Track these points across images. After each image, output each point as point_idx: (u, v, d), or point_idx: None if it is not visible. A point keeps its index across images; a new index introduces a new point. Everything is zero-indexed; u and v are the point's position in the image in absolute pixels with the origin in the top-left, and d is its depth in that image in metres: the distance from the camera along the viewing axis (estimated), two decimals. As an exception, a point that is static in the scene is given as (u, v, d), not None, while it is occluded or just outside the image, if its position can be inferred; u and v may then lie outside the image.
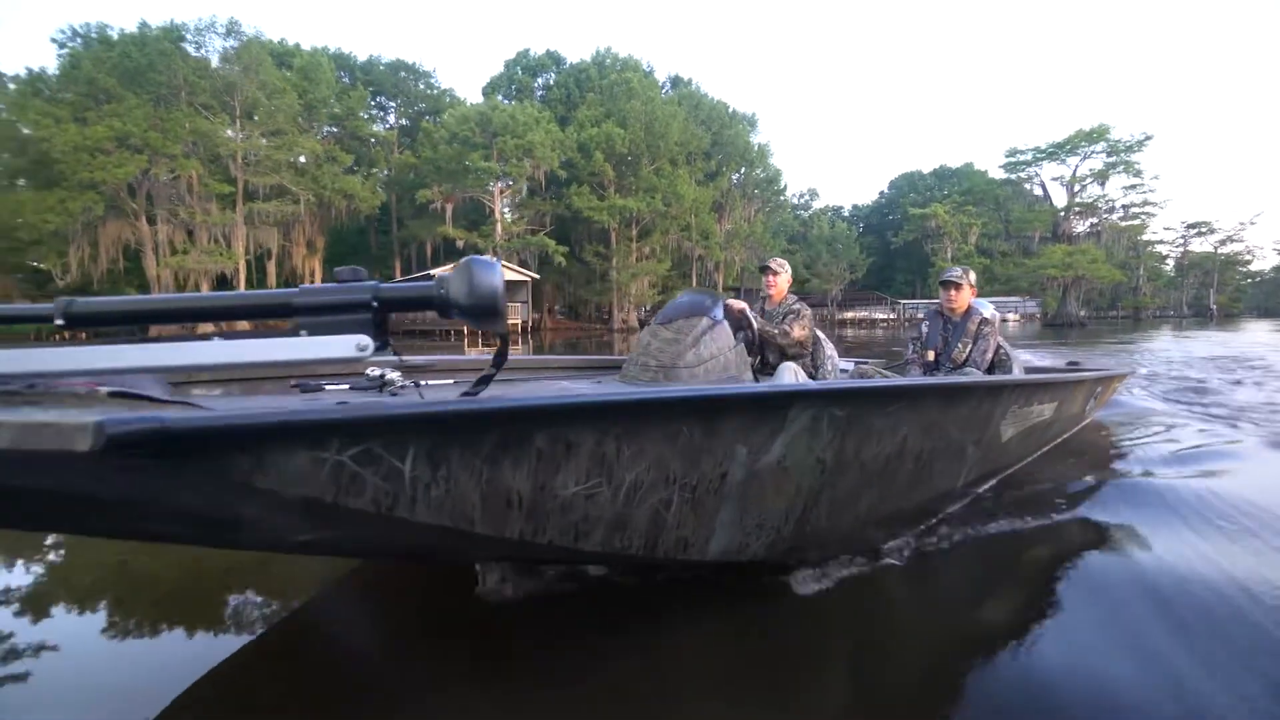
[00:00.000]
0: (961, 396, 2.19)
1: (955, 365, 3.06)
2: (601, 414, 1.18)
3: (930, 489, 2.23)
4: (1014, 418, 2.64)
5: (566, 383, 2.65)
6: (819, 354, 3.26)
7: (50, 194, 20.60)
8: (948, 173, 60.47)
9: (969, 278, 3.15)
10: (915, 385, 1.93)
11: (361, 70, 36.60)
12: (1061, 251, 36.00)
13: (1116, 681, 1.38)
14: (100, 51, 22.41)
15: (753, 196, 40.95)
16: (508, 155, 27.13)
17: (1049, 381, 2.91)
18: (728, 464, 1.43)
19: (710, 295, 2.75)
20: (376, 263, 40.38)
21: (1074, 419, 3.81)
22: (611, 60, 37.83)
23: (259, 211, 24.80)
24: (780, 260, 3.26)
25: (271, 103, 23.86)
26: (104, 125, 20.46)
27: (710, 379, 2.44)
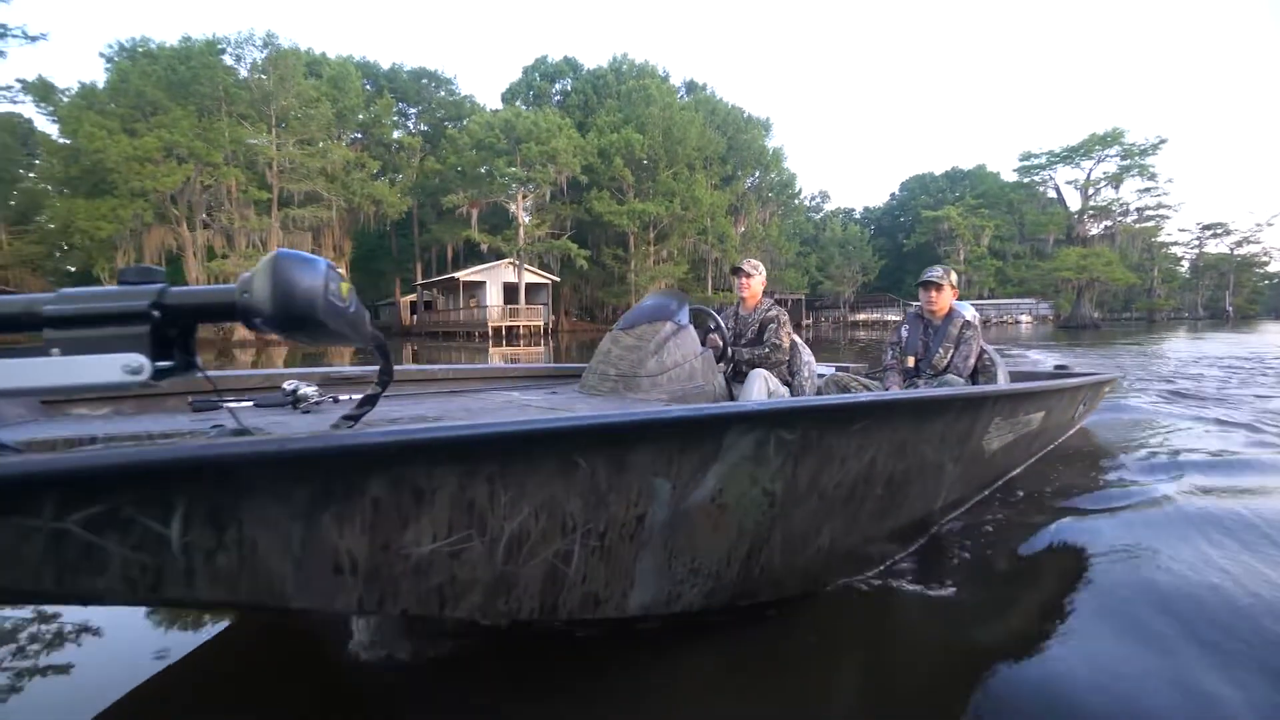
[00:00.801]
0: (938, 411, 1.94)
1: (936, 372, 2.83)
2: (464, 451, 0.94)
3: (905, 513, 2.01)
4: (998, 429, 2.43)
5: (518, 394, 2.39)
6: (795, 359, 3.12)
7: (103, 202, 21.65)
8: (959, 174, 60.73)
9: (950, 278, 2.90)
10: (883, 401, 1.66)
11: (386, 78, 37.61)
12: (1076, 254, 36.26)
13: (1139, 693, 1.34)
14: (146, 65, 23.43)
15: (768, 200, 41.54)
16: (532, 161, 27.91)
17: (1035, 390, 2.61)
18: (646, 504, 1.20)
19: (676, 298, 2.58)
20: (397, 266, 41.35)
21: (1063, 427, 3.60)
22: (628, 66, 38.60)
23: (294, 217, 25.75)
24: (754, 261, 3.09)
25: (306, 112, 24.81)
26: (153, 136, 21.48)
27: (674, 388, 2.30)
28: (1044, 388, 2.74)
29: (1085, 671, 1.43)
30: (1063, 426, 3.62)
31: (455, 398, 2.27)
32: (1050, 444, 3.51)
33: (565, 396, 2.24)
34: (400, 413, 1.73)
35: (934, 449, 2.00)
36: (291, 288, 0.62)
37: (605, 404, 2.06)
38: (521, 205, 30.12)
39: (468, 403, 2.07)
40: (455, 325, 31.36)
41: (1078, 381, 3.37)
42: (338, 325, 0.68)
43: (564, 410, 1.81)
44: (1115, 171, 36.84)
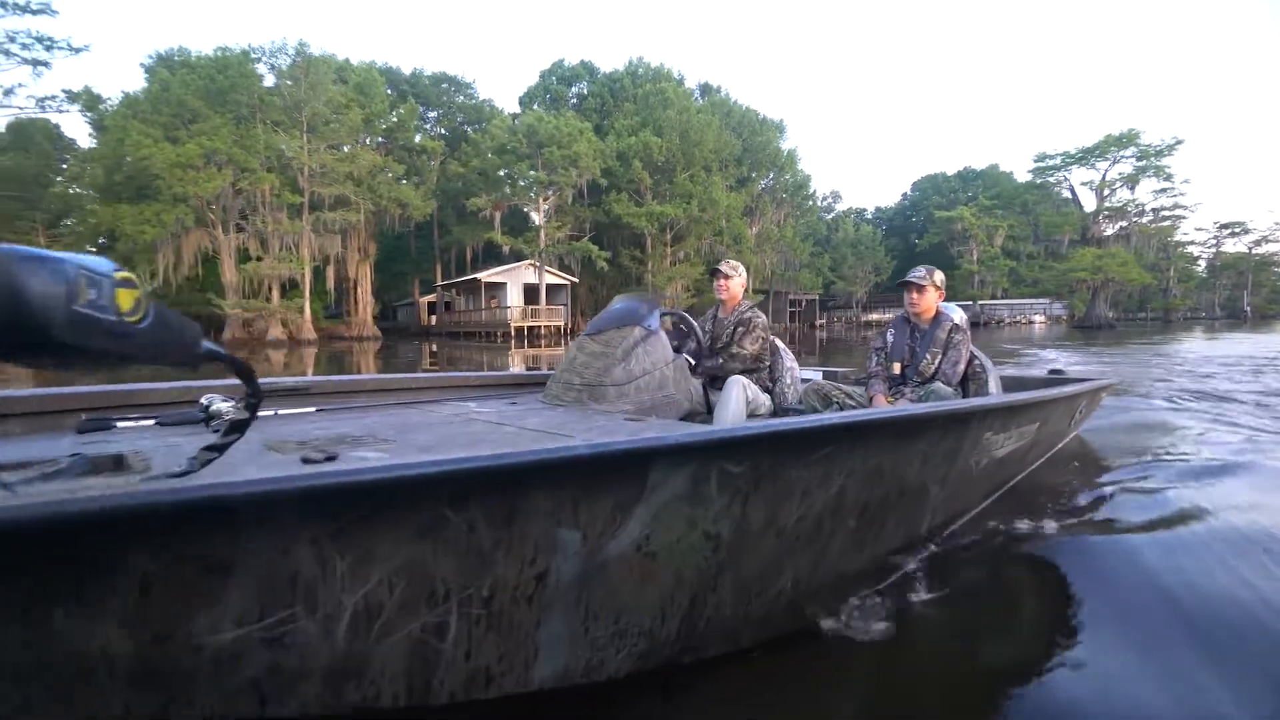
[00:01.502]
0: (919, 430, 1.75)
1: (923, 378, 2.64)
2: (272, 511, 0.72)
3: (884, 543, 1.81)
4: (988, 445, 2.25)
5: (475, 405, 2.20)
6: (777, 365, 3.00)
7: (147, 207, 22.53)
8: (972, 174, 60.70)
9: (934, 278, 2.70)
10: (851, 424, 1.48)
11: (408, 83, 38.42)
12: (1091, 255, 36.36)
13: (1152, 712, 1.32)
14: (185, 75, 24.31)
15: (782, 201, 41.94)
16: (554, 165, 28.54)
17: (1027, 403, 2.42)
18: (548, 559, 1.00)
19: (647, 302, 2.45)
20: (416, 267, 42.20)
21: (1058, 435, 3.43)
22: (644, 70, 39.12)
23: (325, 220, 26.55)
24: (733, 263, 2.95)
25: (336, 118, 25.61)
26: (194, 143, 22.33)
27: (642, 399, 2.18)
28: (1037, 398, 2.51)
29: (1094, 690, 1.38)
30: (1058, 435, 3.41)
31: (404, 410, 2.09)
32: (1045, 454, 3.27)
33: (523, 408, 2.09)
34: (321, 430, 1.53)
35: (916, 471, 1.81)
36: (12, 298, 0.48)
37: (565, 416, 1.89)
38: (543, 208, 30.74)
39: (412, 417, 1.88)
40: (477, 325, 32.06)
41: (1073, 390, 3.08)
42: (104, 344, 0.55)
43: (513, 424, 1.67)
44: (1131, 172, 36.89)
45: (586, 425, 1.69)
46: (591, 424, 1.73)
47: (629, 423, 1.80)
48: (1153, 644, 1.57)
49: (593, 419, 1.84)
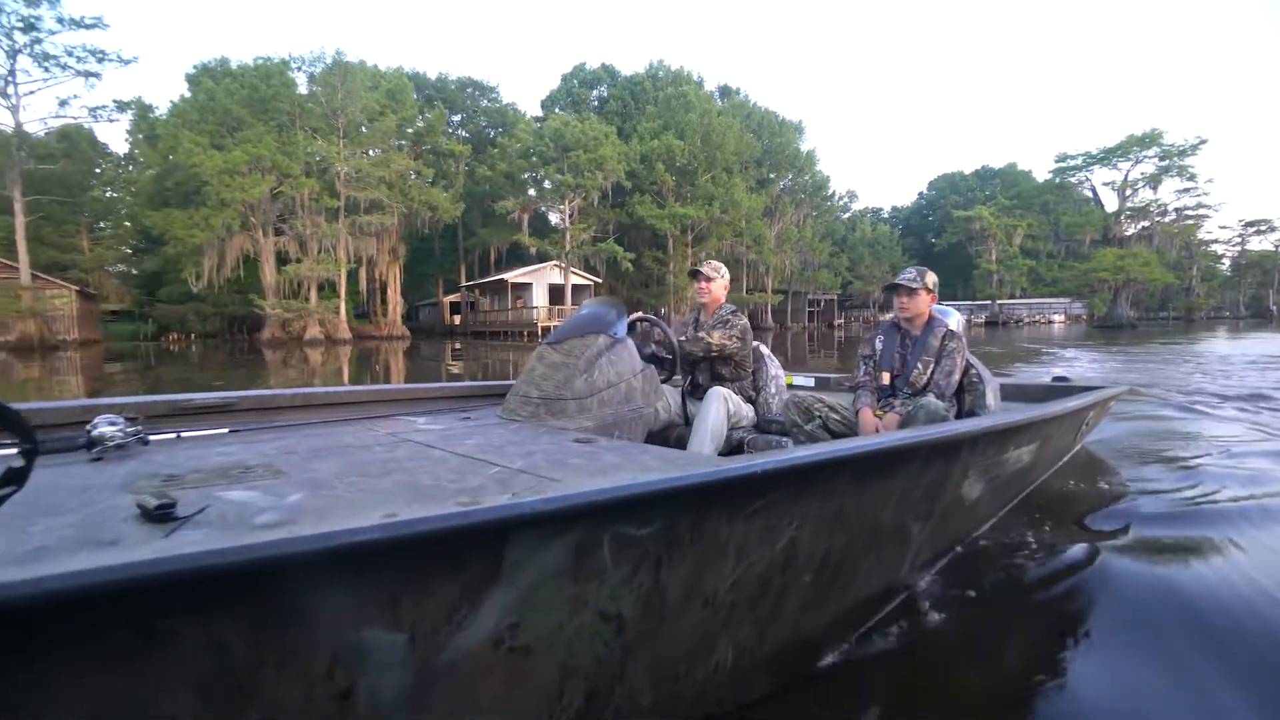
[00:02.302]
0: (892, 466, 1.52)
1: (914, 390, 2.44)
2: None
3: (852, 595, 1.56)
4: (981, 472, 2.04)
5: (424, 420, 2.04)
6: (761, 374, 2.85)
7: (196, 212, 23.58)
8: (989, 173, 60.49)
9: (926, 280, 2.47)
10: (800, 465, 1.18)
11: (434, 88, 39.34)
12: (1113, 255, 36.36)
13: None
14: (230, 85, 25.34)
15: (801, 202, 42.36)
16: (581, 168, 29.25)
17: (1028, 423, 2.19)
18: (353, 672, 0.71)
19: (614, 307, 2.30)
20: (439, 268, 43.22)
21: (1061, 450, 3.18)
22: (665, 73, 39.71)
23: (360, 224, 27.48)
24: (715, 264, 2.84)
25: (371, 125, 26.51)
26: (240, 150, 23.32)
27: (605, 413, 2.03)
28: (1037, 418, 2.25)
29: (1110, 703, 1.35)
30: (1062, 450, 3.18)
31: (336, 428, 1.89)
32: (1047, 471, 3.05)
33: (473, 424, 1.94)
34: (220, 457, 1.43)
35: (891, 511, 1.58)
36: None
37: (513, 435, 1.76)
38: (568, 210, 31.47)
39: (341, 437, 1.70)
40: (502, 325, 32.87)
41: (1078, 403, 2.76)
42: None
43: (445, 448, 1.52)
44: (1153, 172, 36.81)
45: (528, 448, 1.56)
46: (536, 445, 1.60)
47: (577, 444, 1.63)
48: (1169, 656, 1.52)
49: (540, 439, 1.70)
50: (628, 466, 1.39)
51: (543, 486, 1.01)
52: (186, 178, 23.67)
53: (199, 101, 25.29)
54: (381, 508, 0.74)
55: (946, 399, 2.40)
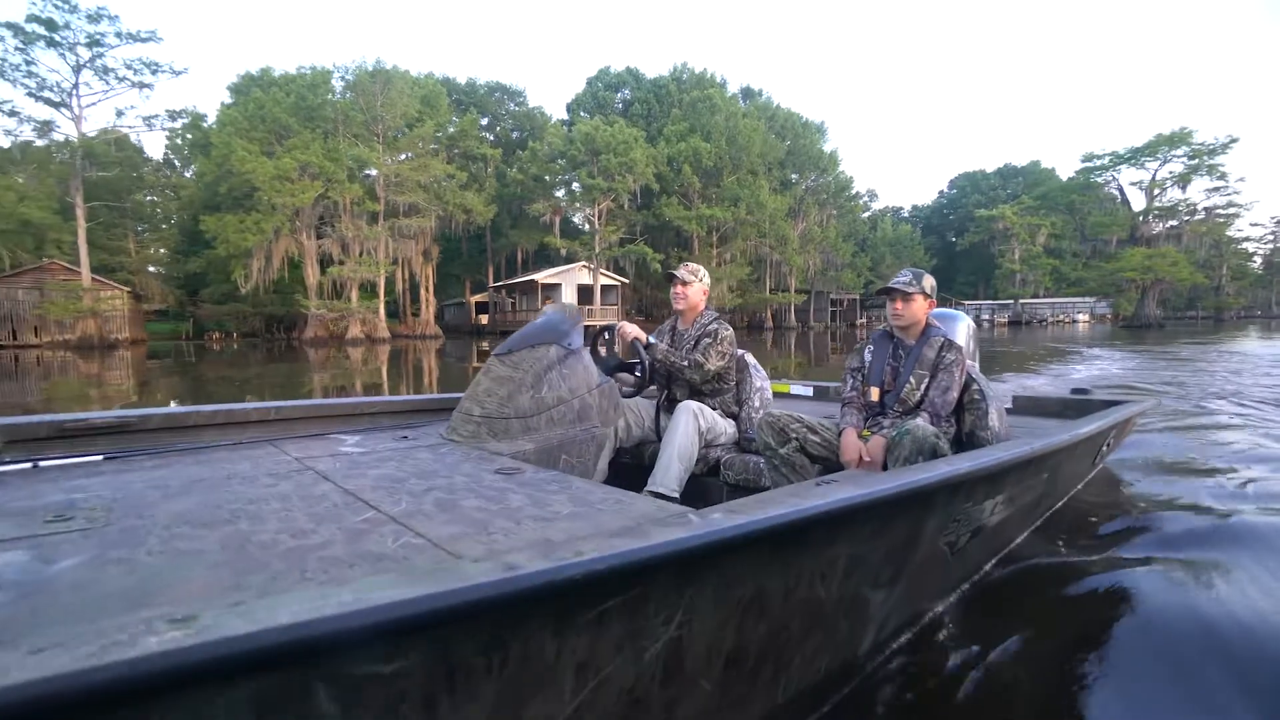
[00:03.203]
0: (835, 531, 1.16)
1: (905, 408, 2.13)
2: None
3: (796, 682, 1.21)
4: (969, 518, 1.71)
5: (354, 440, 1.90)
6: (745, 385, 2.56)
7: (249, 217, 24.73)
8: (1012, 171, 60.24)
9: (924, 284, 2.17)
10: (686, 547, 0.85)
11: (464, 93, 40.33)
12: (1140, 254, 36.18)
13: None
14: (277, 94, 26.49)
15: (825, 202, 42.74)
16: (611, 171, 30.01)
17: (1031, 457, 1.80)
18: None
19: (568, 316, 2.11)
20: (466, 269, 44.29)
21: (1074, 478, 2.79)
22: (688, 76, 40.31)
23: (400, 226, 28.52)
24: (693, 266, 2.56)
25: (410, 131, 27.51)
26: (290, 157, 24.42)
27: (553, 434, 1.85)
28: (1043, 450, 1.86)
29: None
30: (1075, 477, 2.80)
31: (247, 450, 1.75)
32: (1058, 503, 2.68)
33: (406, 445, 1.79)
34: (70, 494, 1.30)
35: (838, 582, 1.22)
36: None
37: (437, 463, 1.59)
38: (598, 212, 32.23)
39: (239, 464, 1.56)
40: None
41: (1097, 425, 2.36)
42: None
43: (341, 482, 1.39)
44: (1182, 171, 36.55)
45: (435, 480, 1.39)
46: (450, 475, 1.43)
47: (498, 475, 1.45)
48: (1188, 677, 1.47)
49: (461, 467, 1.52)
50: (527, 514, 1.17)
51: (388, 552, 0.91)
52: (240, 183, 24.80)
53: (249, 110, 26.44)
54: (141, 603, 0.70)
55: (942, 419, 2.06)
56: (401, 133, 28.48)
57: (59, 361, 17.45)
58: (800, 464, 2.07)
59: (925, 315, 2.18)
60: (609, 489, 1.40)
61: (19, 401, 9.46)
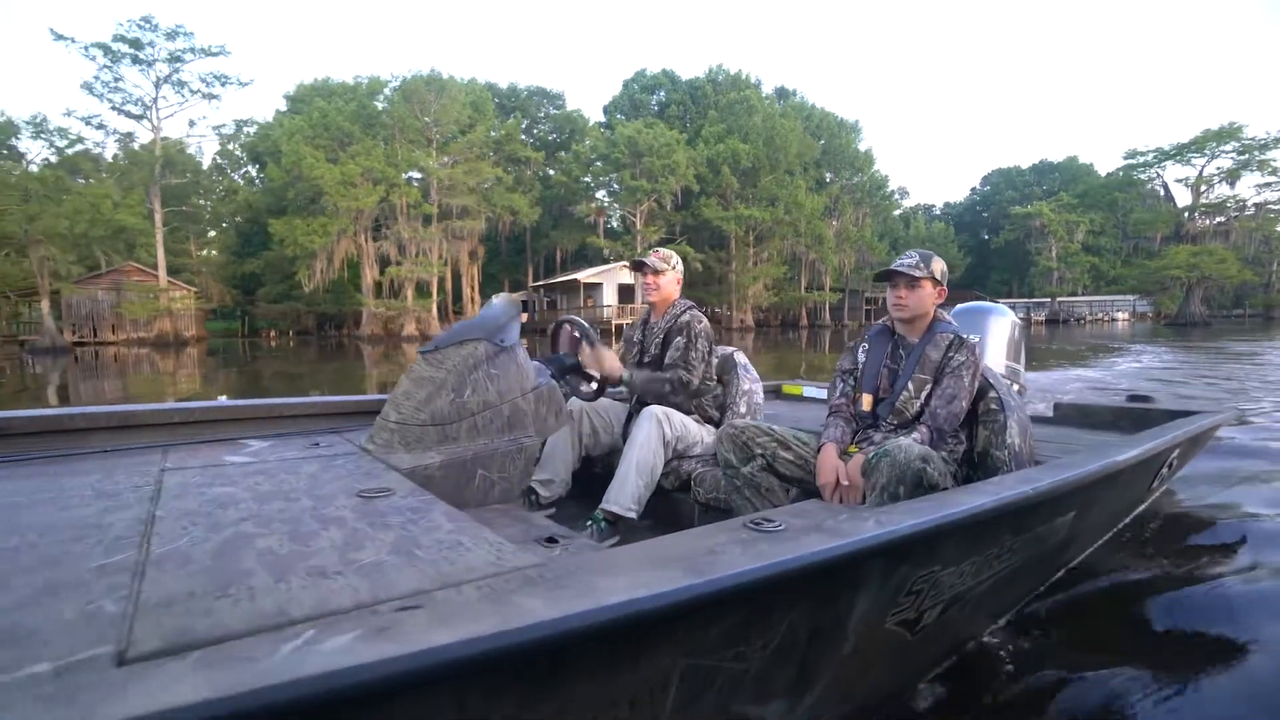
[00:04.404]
0: (769, 604, 0.90)
1: (901, 420, 1.72)
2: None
3: None
4: (945, 584, 1.24)
5: (257, 448, 1.68)
6: (731, 387, 2.27)
7: (315, 220, 26.19)
8: (1048, 167, 59.35)
9: (933, 268, 1.74)
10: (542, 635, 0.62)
11: (505, 96, 41.49)
12: (1185, 252, 35.71)
13: None
14: (339, 103, 27.92)
15: (860, 201, 43.00)
16: (654, 173, 30.86)
17: (1064, 489, 1.38)
18: None
19: (507, 308, 1.82)
20: (505, 269, 45.58)
21: (1126, 506, 2.32)
22: (724, 77, 40.87)
23: (453, 228, 29.81)
24: (665, 252, 2.26)
25: (463, 136, 28.75)
26: (354, 163, 25.80)
27: (476, 445, 1.58)
28: (1078, 480, 1.42)
29: None
30: (1127, 505, 2.32)
31: (114, 459, 1.57)
32: (1103, 537, 2.24)
33: (302, 455, 1.60)
34: None
35: (708, 697, 0.88)
36: None
37: (332, 468, 1.44)
38: (640, 212, 33.11)
39: (88, 475, 1.38)
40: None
41: (1153, 446, 1.83)
42: None
43: (160, 504, 1.16)
44: (1231, 167, 35.94)
45: (274, 504, 1.17)
46: (304, 498, 1.20)
47: (359, 499, 1.20)
48: None
49: (328, 486, 1.29)
50: (320, 563, 0.88)
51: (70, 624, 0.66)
52: (306, 188, 26.27)
53: (314, 119, 27.88)
54: None
55: (946, 435, 1.67)
56: (454, 137, 29.72)
57: (133, 358, 18.92)
58: (767, 486, 1.72)
59: (933, 306, 1.76)
60: (475, 525, 1.05)
61: (149, 391, 10.63)
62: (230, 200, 37.31)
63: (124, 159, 28.72)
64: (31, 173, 22.86)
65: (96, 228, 21.91)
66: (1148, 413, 2.66)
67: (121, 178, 26.83)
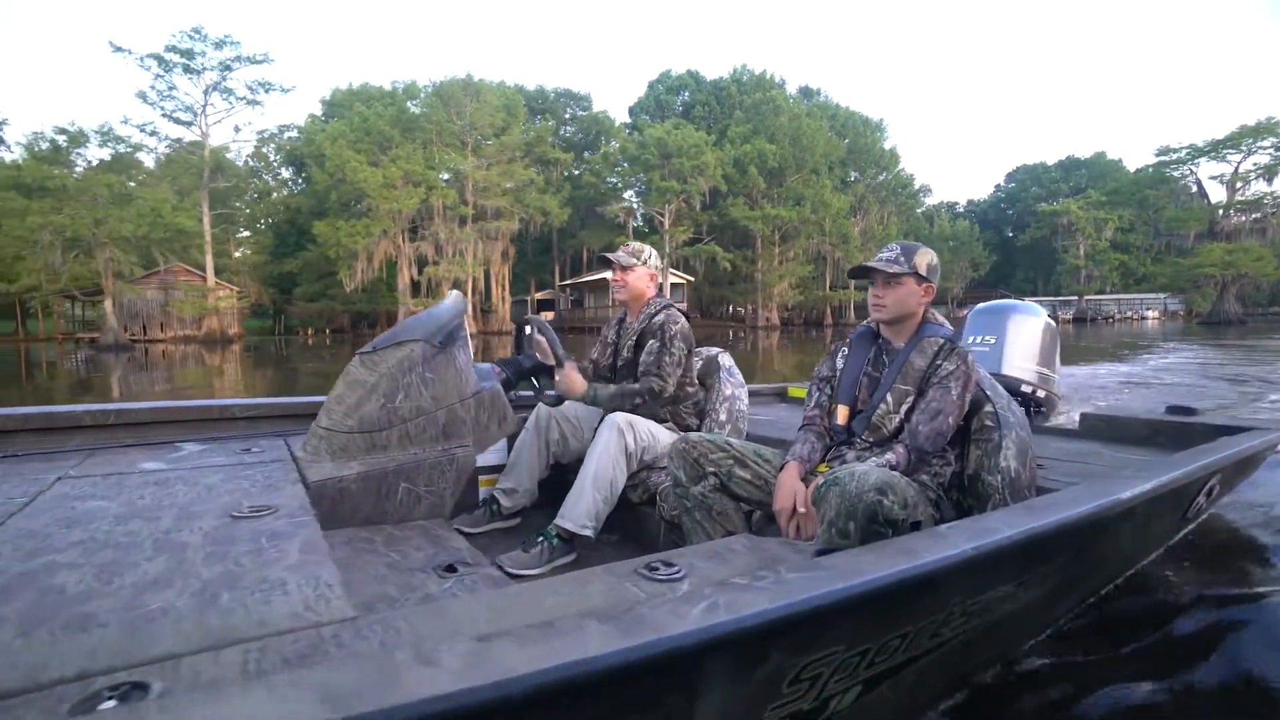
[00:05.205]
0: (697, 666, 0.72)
1: (878, 438, 1.49)
2: None
3: None
4: (888, 649, 1.00)
5: (184, 453, 1.60)
6: (713, 393, 2.08)
7: (359, 222, 27.13)
8: (1075, 164, 58.54)
9: (916, 261, 1.50)
10: None
11: (534, 99, 42.20)
12: (1220, 249, 35.21)
13: None
14: (379, 108, 28.80)
15: (886, 200, 43.05)
16: (684, 174, 31.34)
17: (1064, 527, 1.13)
18: None
19: (455, 306, 1.70)
20: (532, 268, 46.40)
21: (1155, 539, 1.97)
22: (749, 77, 41.12)
23: (487, 229, 30.61)
24: (635, 246, 2.07)
25: (498, 139, 29.51)
26: (395, 166, 26.67)
27: (406, 455, 1.47)
28: (1080, 517, 1.16)
29: None
30: (1146, 546, 1.96)
31: (28, 464, 1.49)
32: (1125, 572, 1.90)
33: (227, 463, 1.49)
34: None
35: None
36: None
37: (236, 477, 1.33)
38: (669, 213, 33.61)
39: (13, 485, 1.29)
40: (596, 321, 35.46)
41: (1190, 471, 1.54)
42: None
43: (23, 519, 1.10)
44: (1269, 163, 35.34)
45: (125, 526, 1.07)
46: (160, 519, 1.11)
47: (231, 522, 1.10)
48: None
49: (195, 507, 1.16)
50: (96, 606, 0.78)
51: None
52: (348, 191, 27.21)
53: (355, 123, 28.80)
54: None
55: (928, 456, 1.45)
56: (488, 140, 30.51)
57: (180, 354, 19.93)
58: (719, 509, 1.53)
59: (920, 306, 1.53)
60: (325, 560, 0.94)
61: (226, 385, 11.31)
62: (264, 202, 38.52)
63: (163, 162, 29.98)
64: (103, 178, 23.98)
65: (157, 230, 23.00)
66: (1188, 427, 2.25)
67: (173, 182, 27.99)
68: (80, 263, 24.10)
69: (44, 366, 16.47)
